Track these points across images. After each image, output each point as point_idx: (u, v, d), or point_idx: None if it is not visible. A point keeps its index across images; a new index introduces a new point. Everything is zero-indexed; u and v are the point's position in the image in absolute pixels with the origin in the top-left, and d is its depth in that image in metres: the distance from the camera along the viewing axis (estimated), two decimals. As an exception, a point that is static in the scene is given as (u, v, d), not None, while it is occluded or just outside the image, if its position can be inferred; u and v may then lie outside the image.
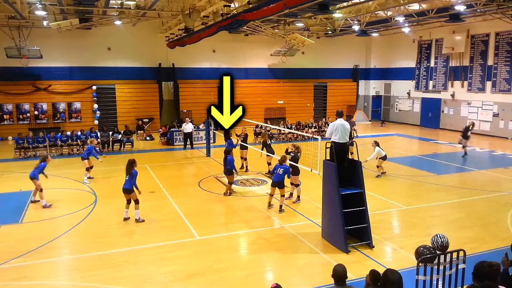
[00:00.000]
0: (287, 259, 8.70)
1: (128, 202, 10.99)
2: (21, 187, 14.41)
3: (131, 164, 10.97)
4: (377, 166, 15.75)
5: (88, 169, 15.24)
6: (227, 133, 17.30)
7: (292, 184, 12.65)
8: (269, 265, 8.71)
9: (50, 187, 14.06)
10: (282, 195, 11.64)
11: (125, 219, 11.01)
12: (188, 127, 21.67)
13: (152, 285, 7.70)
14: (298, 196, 12.60)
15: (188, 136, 21.85)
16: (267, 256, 8.98)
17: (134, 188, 10.81)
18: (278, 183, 11.48)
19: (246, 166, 16.84)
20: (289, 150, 12.83)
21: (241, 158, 16.86)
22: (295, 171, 12.26)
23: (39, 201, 12.43)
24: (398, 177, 15.73)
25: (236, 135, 17.13)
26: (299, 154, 12.44)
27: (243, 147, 16.70)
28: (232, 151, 14.37)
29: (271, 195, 11.91)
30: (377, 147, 15.61)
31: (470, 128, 20.11)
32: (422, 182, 15.03)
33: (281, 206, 11.62)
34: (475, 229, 10.29)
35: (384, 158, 15.65)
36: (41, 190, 12.41)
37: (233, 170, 13.35)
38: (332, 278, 5.19)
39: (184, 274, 8.07)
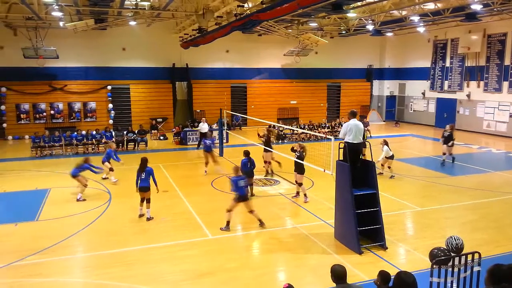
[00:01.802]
0: (299, 260, 8.67)
1: (142, 200, 11.11)
2: (37, 185, 14.66)
3: (145, 162, 11.12)
4: (388, 167, 15.57)
5: (111, 170, 15.29)
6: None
7: (296, 182, 12.81)
8: (281, 265, 8.70)
9: (65, 186, 14.26)
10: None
11: (141, 215, 11.18)
12: (204, 126, 21.73)
13: (163, 283, 7.75)
14: (305, 195, 12.68)
15: (203, 135, 21.92)
16: (279, 256, 8.97)
17: (153, 185, 11.00)
18: (244, 197, 10.27)
19: (272, 171, 15.89)
20: (294, 148, 12.92)
21: (265, 162, 15.86)
22: (301, 170, 12.37)
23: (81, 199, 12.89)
24: (411, 178, 15.57)
25: (258, 135, 16.96)
26: (304, 153, 12.46)
27: (266, 150, 15.57)
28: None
29: (230, 211, 10.30)
30: (385, 146, 15.46)
31: (451, 132, 17.57)
32: (436, 183, 14.85)
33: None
34: (490, 232, 10.14)
35: (391, 157, 15.50)
36: (85, 186, 13.03)
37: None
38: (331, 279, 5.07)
39: (195, 273, 8.10)
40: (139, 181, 11.05)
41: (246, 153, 12.99)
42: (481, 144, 23.19)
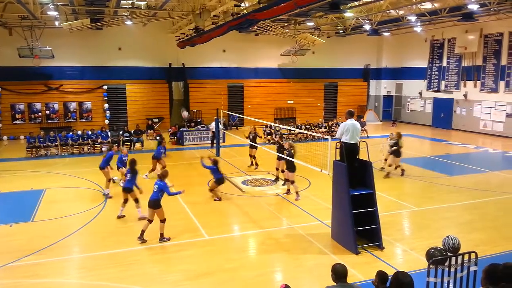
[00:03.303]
0: (296, 260, 8.66)
1: (125, 201, 11.07)
2: (32, 185, 14.58)
3: (133, 164, 11.11)
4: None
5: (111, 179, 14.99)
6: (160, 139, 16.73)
7: (287, 181, 13.06)
8: (278, 265, 8.68)
9: (61, 186, 14.21)
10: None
11: (120, 216, 11.14)
12: (213, 125, 21.71)
13: (161, 284, 7.71)
14: (297, 192, 12.84)
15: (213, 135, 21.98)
16: (276, 256, 8.95)
17: (135, 188, 10.97)
18: (153, 203, 9.64)
19: (256, 163, 17.10)
20: (285, 147, 13.14)
21: (250, 156, 17.20)
22: (292, 168, 12.58)
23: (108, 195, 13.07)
24: (409, 178, 15.57)
25: (246, 137, 17.18)
26: (293, 151, 12.67)
27: (252, 146, 16.89)
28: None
29: (150, 220, 9.73)
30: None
31: (397, 140, 15.40)
32: (434, 183, 14.87)
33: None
34: (487, 231, 10.15)
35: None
36: (108, 180, 13.17)
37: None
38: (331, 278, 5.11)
39: (194, 273, 8.07)
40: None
41: (214, 162, 13.12)
42: (478, 144, 23.24)
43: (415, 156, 19.87)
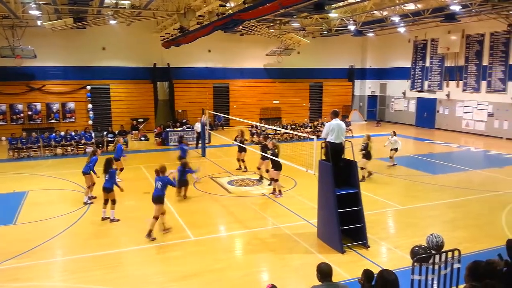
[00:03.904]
0: (282, 260, 8.66)
1: (106, 202, 11.00)
2: (14, 187, 14.32)
3: (109, 163, 11.01)
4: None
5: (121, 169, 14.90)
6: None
7: (272, 179, 13.24)
8: (264, 265, 8.67)
9: (44, 188, 13.98)
10: (155, 217, 9.90)
11: (103, 218, 11.03)
12: (198, 126, 21.55)
13: (147, 286, 7.64)
14: (280, 191, 13.08)
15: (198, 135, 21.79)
16: (263, 256, 8.94)
17: (115, 187, 10.87)
18: (157, 199, 9.86)
19: (245, 167, 16.70)
20: (269, 146, 13.33)
21: (238, 159, 16.82)
22: (278, 167, 12.80)
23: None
24: (393, 177, 15.73)
25: (234, 140, 16.93)
26: (277, 150, 12.89)
27: (241, 150, 16.55)
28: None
29: (156, 217, 9.82)
30: (394, 136, 16.69)
31: (365, 143, 15.12)
32: (418, 182, 15.04)
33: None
34: (470, 229, 10.30)
35: (396, 150, 16.81)
36: (91, 185, 12.48)
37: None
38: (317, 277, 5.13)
39: (179, 274, 8.01)
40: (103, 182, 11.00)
41: (183, 164, 13.05)
42: (461, 143, 23.60)
43: (399, 155, 20.02)
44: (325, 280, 5.03)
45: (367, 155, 15.01)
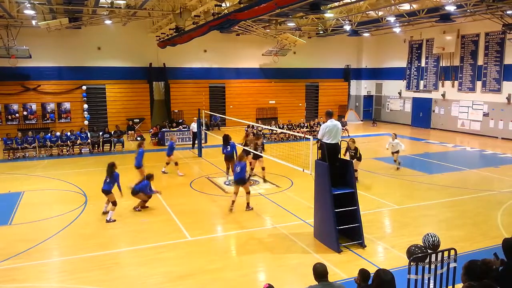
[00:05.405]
0: (279, 260, 8.67)
1: (108, 201, 11.27)
2: (10, 188, 14.27)
3: (111, 167, 11.18)
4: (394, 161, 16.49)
5: (172, 163, 16.26)
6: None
7: (266, 181, 14.58)
8: (261, 265, 8.68)
9: (39, 188, 13.92)
10: (247, 193, 11.80)
11: (104, 213, 11.30)
12: (194, 126, 21.54)
13: (144, 286, 7.63)
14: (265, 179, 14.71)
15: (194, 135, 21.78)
16: (260, 256, 8.94)
17: (116, 190, 11.03)
18: (240, 180, 11.68)
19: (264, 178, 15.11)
20: (258, 143, 14.52)
21: (252, 168, 15.19)
22: (259, 156, 14.39)
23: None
24: (389, 177, 15.78)
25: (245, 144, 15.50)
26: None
27: (256, 156, 14.78)
28: None
29: (235, 193, 11.78)
30: (395, 139, 16.63)
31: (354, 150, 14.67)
32: (414, 181, 15.09)
33: (248, 204, 11.78)
34: (466, 228, 10.35)
35: (398, 152, 16.66)
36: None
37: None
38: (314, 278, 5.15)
39: (176, 275, 8.00)
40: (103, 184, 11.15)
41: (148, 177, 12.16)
42: (456, 143, 23.71)
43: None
44: (321, 280, 5.04)
45: (359, 158, 15.03)
